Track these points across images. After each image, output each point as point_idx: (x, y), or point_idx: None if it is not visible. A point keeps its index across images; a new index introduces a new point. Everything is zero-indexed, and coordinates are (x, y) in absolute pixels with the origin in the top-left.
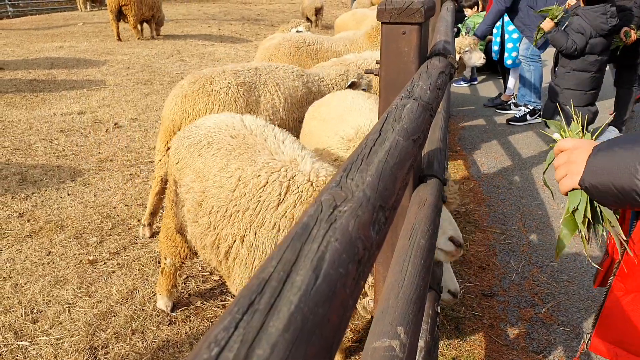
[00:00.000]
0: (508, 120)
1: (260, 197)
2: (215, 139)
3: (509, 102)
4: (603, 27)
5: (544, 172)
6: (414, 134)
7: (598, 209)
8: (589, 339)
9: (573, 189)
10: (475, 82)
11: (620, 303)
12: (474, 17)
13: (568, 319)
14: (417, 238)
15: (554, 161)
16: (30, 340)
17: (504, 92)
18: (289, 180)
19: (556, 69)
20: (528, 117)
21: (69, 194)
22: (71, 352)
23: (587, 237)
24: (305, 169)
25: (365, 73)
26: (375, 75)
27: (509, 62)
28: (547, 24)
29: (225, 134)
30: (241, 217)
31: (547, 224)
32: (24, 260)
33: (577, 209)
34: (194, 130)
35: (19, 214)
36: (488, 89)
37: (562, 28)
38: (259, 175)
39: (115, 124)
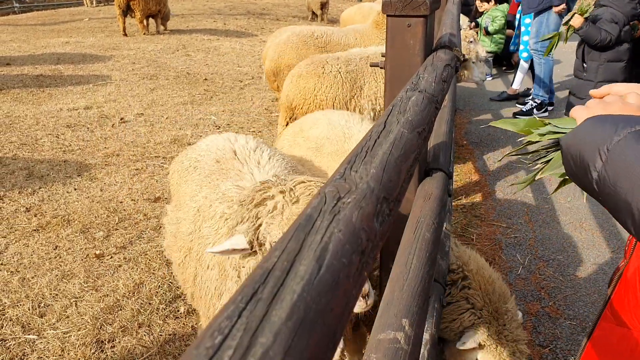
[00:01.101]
0: (514, 114)
1: (205, 232)
2: (200, 163)
3: (530, 97)
4: (634, 12)
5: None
6: (419, 127)
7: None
8: None
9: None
10: (490, 78)
11: (609, 336)
12: (492, 11)
13: (575, 313)
14: (422, 231)
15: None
16: (37, 333)
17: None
18: (230, 208)
19: (584, 65)
20: (535, 111)
21: (75, 189)
22: (78, 346)
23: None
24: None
25: (371, 66)
26: (381, 68)
27: (524, 54)
28: (576, 21)
29: (211, 157)
30: (196, 256)
31: (554, 218)
32: (31, 255)
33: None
34: (188, 154)
35: (26, 208)
36: (495, 84)
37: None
38: (210, 206)
39: (121, 119)
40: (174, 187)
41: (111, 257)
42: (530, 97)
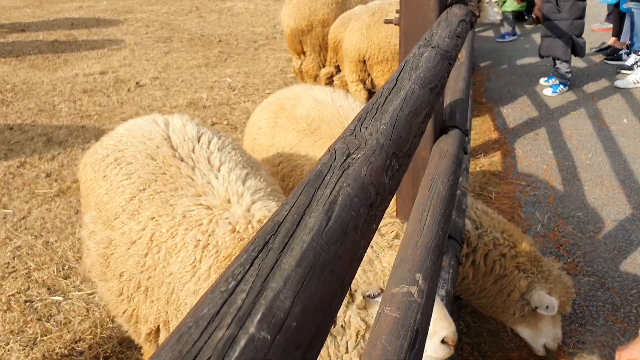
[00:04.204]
0: (618, 69)
1: (174, 267)
2: (125, 156)
3: (621, 52)
4: None
5: None
6: (431, 82)
7: None
8: None
9: None
10: (516, 37)
11: None
12: None
13: (593, 269)
14: (437, 188)
15: None
16: (63, 295)
17: (619, 38)
18: (208, 236)
19: (558, 6)
20: (636, 67)
21: None
22: (102, 306)
23: None
24: (235, 214)
25: (385, 22)
26: (396, 24)
27: (624, 5)
28: None
29: (140, 150)
30: (158, 296)
31: (574, 175)
32: (54, 219)
33: None
34: (104, 140)
35: (47, 174)
36: (519, 43)
37: None
38: (174, 236)
39: (136, 83)
40: (87, 186)
41: None
42: (633, 50)
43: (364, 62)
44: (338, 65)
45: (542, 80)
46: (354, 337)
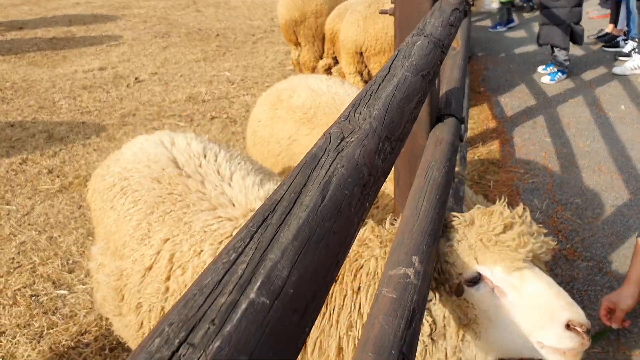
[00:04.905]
0: (616, 56)
1: None
2: (131, 184)
3: (618, 39)
4: None
5: None
6: (423, 70)
7: None
8: None
9: None
10: (513, 24)
11: None
12: None
13: (591, 254)
14: (433, 174)
15: None
16: (68, 288)
17: (616, 25)
18: None
19: None
20: (634, 53)
21: (95, 149)
22: None
23: None
24: None
25: (380, 13)
26: (390, 14)
27: None
28: None
29: (145, 175)
30: None
31: (572, 162)
32: (57, 214)
33: None
34: (111, 167)
35: (49, 170)
36: (516, 33)
37: None
38: (199, 253)
39: (135, 79)
40: (96, 215)
41: None
42: (630, 37)
43: (361, 54)
44: (336, 57)
45: (540, 69)
46: (454, 337)
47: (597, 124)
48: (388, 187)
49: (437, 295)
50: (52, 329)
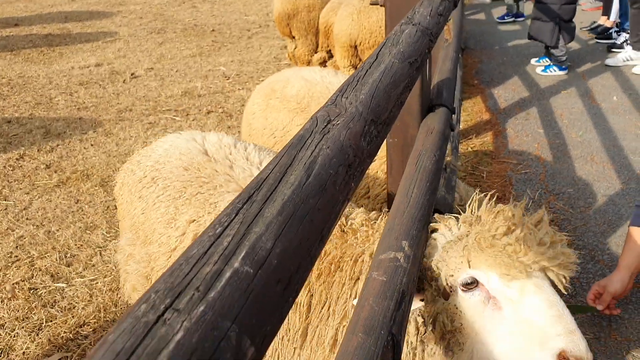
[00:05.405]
0: (608, 48)
1: None
2: (162, 173)
3: (611, 30)
4: None
5: None
6: (411, 57)
7: None
8: None
9: None
10: (522, 19)
11: None
12: None
13: (584, 243)
14: (424, 163)
15: None
16: (66, 282)
17: (609, 17)
18: None
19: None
20: (626, 44)
21: (92, 145)
22: (105, 291)
23: None
24: None
25: (371, 4)
26: (381, 5)
27: None
28: None
29: (177, 165)
30: None
31: (565, 152)
32: (55, 209)
33: None
34: (141, 161)
35: (46, 165)
36: (515, 25)
37: None
38: None
39: (132, 74)
40: (124, 208)
41: None
42: (622, 29)
43: (355, 47)
44: (330, 51)
45: (533, 61)
46: (432, 343)
47: (589, 115)
48: (379, 177)
49: (427, 295)
50: (51, 321)
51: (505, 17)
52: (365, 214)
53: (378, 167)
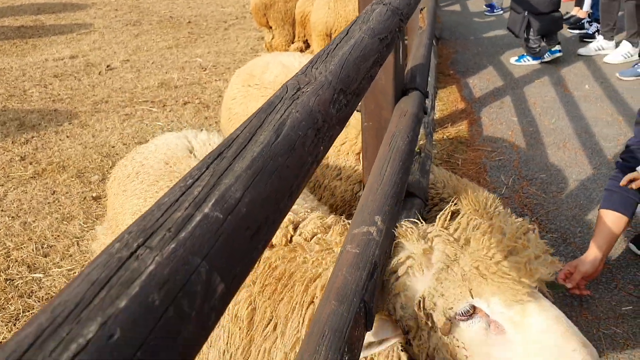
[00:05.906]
0: (581, 38)
1: None
2: (145, 168)
3: (583, 21)
4: None
5: None
6: (381, 34)
7: None
8: None
9: None
10: (499, 12)
11: None
12: None
13: (556, 226)
14: (397, 143)
15: None
16: (43, 272)
17: (582, 7)
18: None
19: None
20: (597, 34)
21: (67, 136)
22: None
23: None
24: None
25: None
26: None
27: None
28: None
29: (159, 159)
30: None
31: (538, 139)
32: (30, 200)
33: None
34: (135, 157)
35: (21, 157)
36: (490, 17)
37: None
38: None
39: (107, 66)
40: (110, 201)
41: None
42: (594, 19)
43: (332, 36)
44: (307, 41)
45: (512, 60)
46: None
47: (562, 103)
48: (350, 159)
49: (420, 332)
50: (28, 311)
51: (495, 11)
52: (320, 220)
53: (349, 148)
